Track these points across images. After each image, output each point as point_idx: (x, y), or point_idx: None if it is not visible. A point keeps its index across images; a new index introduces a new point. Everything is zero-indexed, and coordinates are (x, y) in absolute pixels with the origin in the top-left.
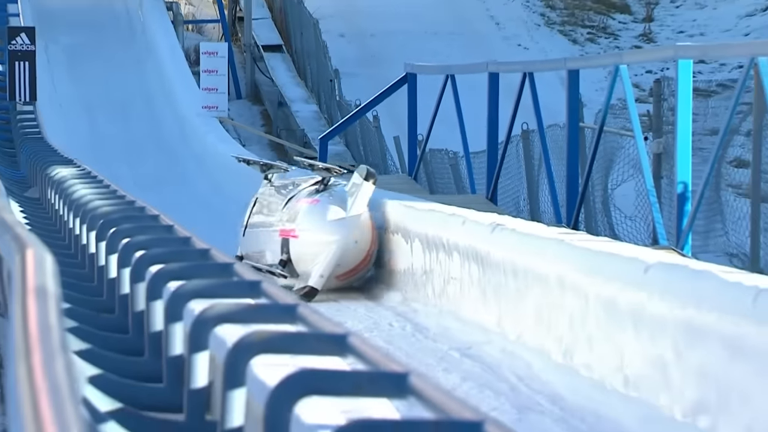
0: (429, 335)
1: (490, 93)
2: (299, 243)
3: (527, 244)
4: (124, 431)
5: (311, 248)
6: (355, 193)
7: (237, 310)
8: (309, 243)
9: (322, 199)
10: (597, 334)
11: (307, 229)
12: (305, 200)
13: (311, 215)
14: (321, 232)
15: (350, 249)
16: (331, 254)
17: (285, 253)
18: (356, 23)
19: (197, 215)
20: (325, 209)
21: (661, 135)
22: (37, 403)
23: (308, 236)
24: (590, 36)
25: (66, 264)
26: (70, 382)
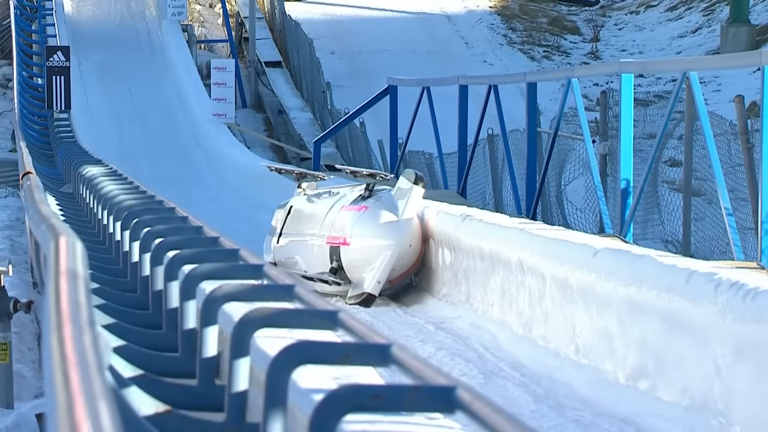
0: (408, 311)
1: (461, 103)
2: (351, 250)
3: (492, 232)
4: (144, 394)
5: (365, 254)
6: (405, 197)
7: (242, 290)
8: (362, 249)
9: (371, 206)
10: (552, 309)
11: (359, 235)
12: (352, 207)
13: (363, 222)
14: (375, 238)
15: (405, 252)
16: (387, 259)
17: (335, 261)
18: (345, 43)
19: (208, 207)
20: (376, 215)
21: (607, 139)
22: (66, 370)
23: (361, 242)
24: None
25: (95, 250)
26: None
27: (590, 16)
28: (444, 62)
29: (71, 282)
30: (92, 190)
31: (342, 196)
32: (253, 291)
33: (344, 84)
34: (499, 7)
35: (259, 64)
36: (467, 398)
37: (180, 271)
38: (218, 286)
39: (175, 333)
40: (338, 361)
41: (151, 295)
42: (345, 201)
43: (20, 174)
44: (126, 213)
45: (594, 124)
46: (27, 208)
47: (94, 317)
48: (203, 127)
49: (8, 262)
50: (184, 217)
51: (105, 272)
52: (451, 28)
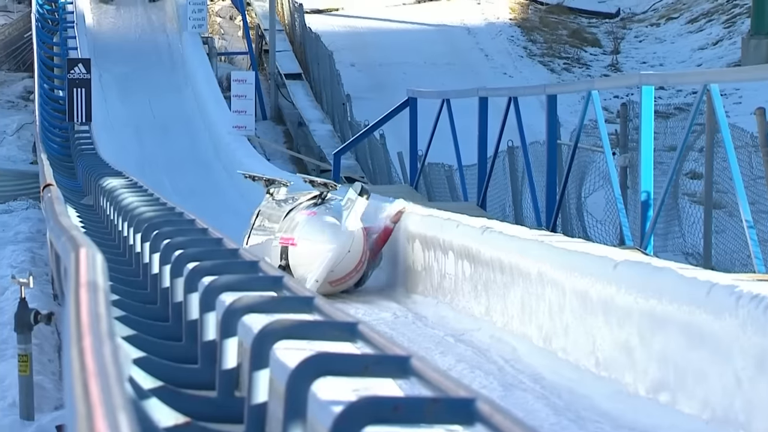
0: (427, 323)
1: (480, 115)
2: (297, 251)
3: (512, 244)
4: (164, 406)
5: (308, 256)
6: (349, 208)
7: (262, 301)
8: (306, 251)
9: (319, 212)
10: (572, 322)
11: (304, 238)
12: (304, 212)
13: (309, 225)
14: (317, 242)
15: (343, 257)
16: (326, 261)
17: (284, 260)
18: (365, 55)
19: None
20: (321, 220)
21: (627, 151)
22: (86, 382)
23: (306, 245)
24: (566, 66)
25: (116, 262)
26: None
27: (611, 28)
28: (464, 74)
29: (91, 294)
30: (112, 201)
31: (300, 202)
32: (273, 303)
33: (364, 96)
34: (519, 20)
35: (279, 76)
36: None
37: (200, 282)
38: (238, 297)
39: (194, 345)
40: (358, 372)
41: (171, 306)
42: (302, 206)
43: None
44: (146, 225)
45: (614, 137)
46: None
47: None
48: (223, 139)
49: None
50: (203, 228)
51: (125, 284)
52: (471, 41)
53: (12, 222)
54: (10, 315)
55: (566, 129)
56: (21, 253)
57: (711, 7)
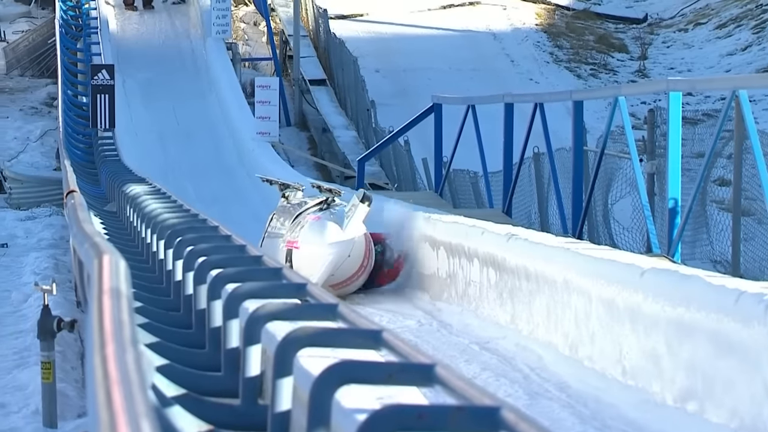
0: (452, 331)
1: (506, 121)
2: (300, 253)
3: (538, 251)
4: (187, 414)
5: (310, 259)
6: (351, 214)
7: (285, 308)
8: (308, 254)
9: (323, 217)
10: (599, 330)
11: (307, 241)
12: (309, 216)
13: (312, 230)
14: (318, 245)
15: (343, 262)
16: (325, 265)
17: (288, 262)
18: (390, 61)
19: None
20: (324, 225)
21: (654, 157)
22: (109, 389)
23: (308, 248)
24: (593, 72)
25: (139, 269)
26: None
27: (638, 33)
28: (489, 80)
29: (114, 301)
30: (136, 208)
31: (308, 206)
32: (297, 310)
33: (389, 102)
34: (545, 25)
35: (303, 82)
36: (512, 419)
37: (223, 290)
38: (261, 305)
39: (218, 352)
40: (382, 380)
41: (194, 314)
42: (309, 211)
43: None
44: (169, 232)
45: (641, 143)
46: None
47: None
48: (247, 145)
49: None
50: (227, 235)
51: (148, 291)
52: (496, 46)
53: (35, 228)
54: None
55: (593, 135)
56: (44, 259)
57: (740, 12)
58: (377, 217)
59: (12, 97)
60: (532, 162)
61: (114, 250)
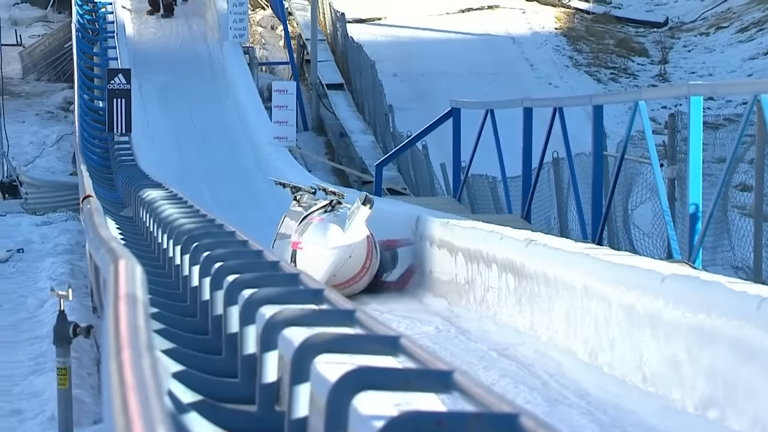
0: (471, 337)
1: (525, 125)
2: (303, 254)
3: (557, 257)
4: (203, 420)
5: (312, 259)
6: (352, 216)
7: (302, 314)
8: (311, 255)
9: (326, 218)
10: (619, 336)
11: (310, 242)
12: (314, 218)
13: (315, 231)
14: (320, 246)
15: (344, 263)
16: (327, 266)
17: (293, 262)
18: (408, 65)
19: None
20: (326, 227)
21: (675, 162)
22: (125, 395)
23: (311, 249)
24: (613, 76)
25: (155, 274)
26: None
27: (659, 37)
28: (508, 84)
29: (130, 306)
30: (152, 213)
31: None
32: (314, 316)
33: (407, 107)
34: (565, 29)
35: (320, 87)
36: (531, 426)
37: (240, 295)
38: (278, 310)
39: (234, 358)
40: (400, 387)
41: (210, 319)
42: (315, 213)
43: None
44: (186, 237)
45: (662, 148)
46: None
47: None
48: (264, 149)
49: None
50: (244, 241)
51: (164, 296)
52: (515, 50)
53: (51, 234)
54: (49, 328)
55: (613, 140)
56: (60, 265)
57: (762, 15)
58: (392, 220)
59: (28, 102)
60: (551, 167)
61: (130, 256)
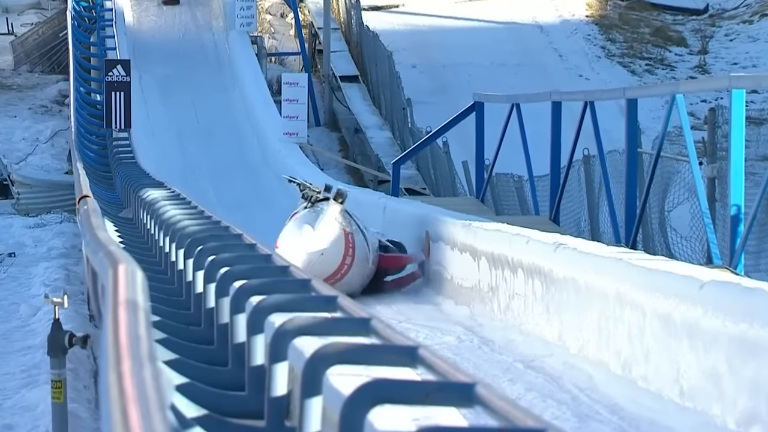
0: (495, 348)
1: (554, 120)
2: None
3: (588, 262)
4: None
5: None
6: (323, 212)
7: (314, 323)
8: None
9: (301, 215)
10: (654, 347)
11: (283, 240)
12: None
13: (288, 228)
14: (291, 244)
15: (315, 260)
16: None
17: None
18: (428, 56)
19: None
20: (299, 224)
21: (715, 160)
22: (125, 408)
23: (282, 246)
24: (648, 67)
25: (156, 280)
26: (157, 390)
27: (698, 25)
28: (535, 76)
29: (131, 313)
30: (153, 214)
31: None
32: (326, 324)
33: (426, 100)
34: (596, 17)
35: (333, 79)
36: None
37: (247, 302)
38: (288, 319)
39: (241, 370)
40: (418, 400)
41: (216, 328)
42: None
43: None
44: (189, 240)
45: (701, 145)
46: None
47: (155, 352)
48: (273, 146)
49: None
50: (251, 244)
51: (167, 304)
52: (543, 40)
53: (45, 236)
54: (42, 337)
55: (648, 136)
56: (55, 270)
57: None
58: (409, 222)
59: (20, 95)
60: (581, 165)
61: (130, 260)
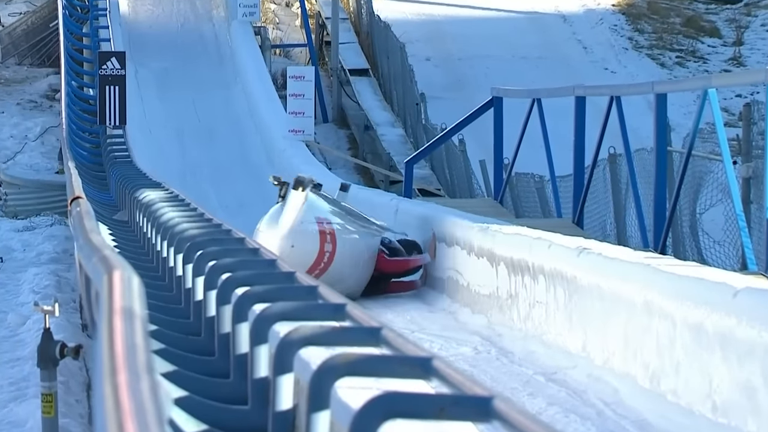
0: (514, 359)
1: (577, 117)
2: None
3: (614, 268)
4: None
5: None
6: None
7: (321, 332)
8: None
9: (271, 212)
10: (685, 359)
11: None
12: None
13: (260, 223)
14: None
15: (286, 253)
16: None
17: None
18: (443, 47)
19: None
20: (268, 220)
21: (751, 159)
22: (122, 422)
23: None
24: (679, 60)
25: (153, 286)
26: (155, 403)
27: (732, 15)
28: (558, 70)
29: (127, 322)
30: (150, 217)
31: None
32: (334, 334)
33: (441, 95)
34: (623, 6)
35: (342, 73)
36: None
37: (250, 310)
38: (294, 328)
39: (244, 382)
40: (432, 415)
41: (216, 338)
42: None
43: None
44: (189, 244)
45: (735, 143)
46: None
47: (152, 363)
48: (277, 144)
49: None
50: (254, 248)
51: (164, 312)
52: (567, 30)
53: (34, 241)
54: (32, 348)
55: (678, 134)
56: (45, 276)
57: None
58: (423, 225)
59: (8, 89)
60: (607, 164)
61: (126, 265)
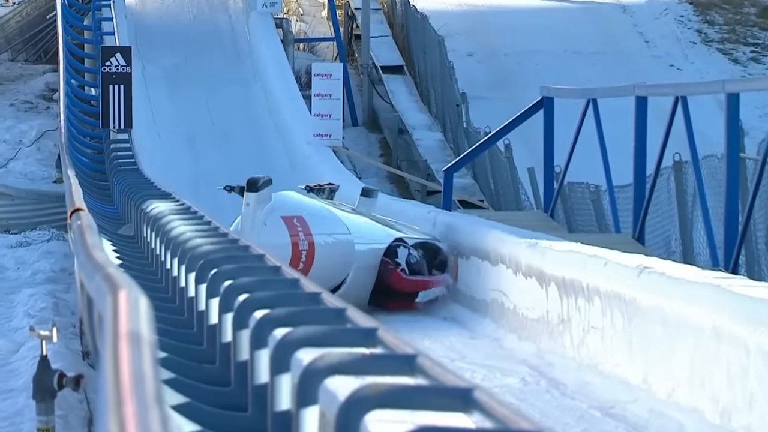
0: (566, 392)
1: (638, 119)
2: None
3: (679, 289)
4: None
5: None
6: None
7: (350, 360)
8: None
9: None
10: (759, 391)
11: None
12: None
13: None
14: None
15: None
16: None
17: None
18: (487, 41)
19: None
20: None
21: None
22: None
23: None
24: (754, 55)
25: (162, 309)
26: None
27: None
28: (616, 66)
29: (134, 348)
30: (159, 231)
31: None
32: (364, 362)
33: (484, 95)
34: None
35: (374, 70)
36: None
37: (270, 336)
38: (319, 355)
39: (263, 415)
40: None
41: (233, 367)
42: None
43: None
44: (202, 261)
45: None
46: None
47: (162, 393)
48: (301, 150)
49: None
50: (276, 267)
51: (175, 337)
52: (627, 22)
53: (29, 258)
54: (27, 378)
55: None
56: (41, 298)
57: None
58: (465, 241)
59: (0, 89)
60: (671, 173)
61: (132, 285)
